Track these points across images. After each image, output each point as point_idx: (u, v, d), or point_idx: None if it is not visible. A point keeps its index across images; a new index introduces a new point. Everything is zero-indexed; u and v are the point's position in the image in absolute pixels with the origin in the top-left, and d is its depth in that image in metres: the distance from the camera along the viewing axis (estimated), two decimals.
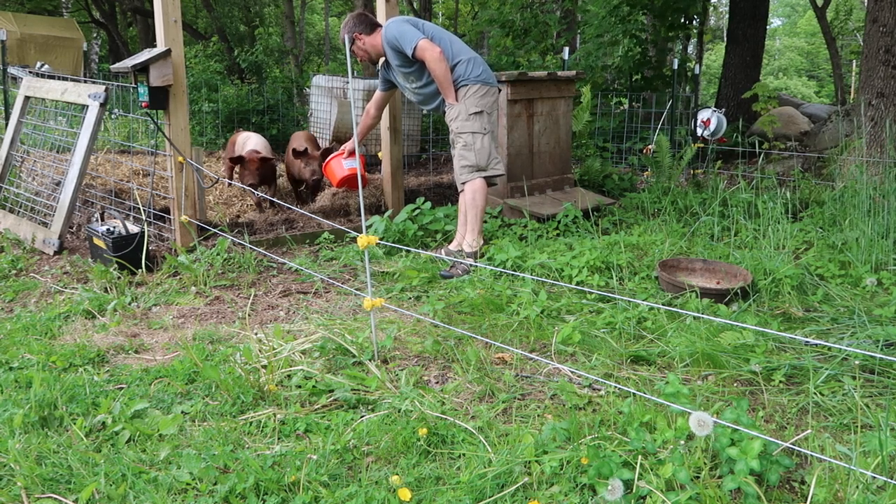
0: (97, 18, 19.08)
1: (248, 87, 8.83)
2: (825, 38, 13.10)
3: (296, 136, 5.54)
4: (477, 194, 3.85)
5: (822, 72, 33.70)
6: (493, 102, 3.95)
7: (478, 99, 3.86)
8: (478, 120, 3.85)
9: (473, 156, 3.86)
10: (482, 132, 3.85)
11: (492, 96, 3.93)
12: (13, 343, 2.81)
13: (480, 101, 3.87)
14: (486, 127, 3.87)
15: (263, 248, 4.10)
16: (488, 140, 3.87)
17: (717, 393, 2.32)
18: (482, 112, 3.86)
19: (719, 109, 7.69)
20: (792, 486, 1.83)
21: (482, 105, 3.87)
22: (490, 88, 3.91)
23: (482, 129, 3.86)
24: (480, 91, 3.87)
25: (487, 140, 3.86)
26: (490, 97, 3.92)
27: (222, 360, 2.58)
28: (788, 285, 3.24)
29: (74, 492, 1.80)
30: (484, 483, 1.79)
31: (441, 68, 3.78)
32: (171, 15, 3.81)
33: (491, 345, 2.72)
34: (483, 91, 3.88)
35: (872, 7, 5.59)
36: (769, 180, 5.56)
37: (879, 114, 5.34)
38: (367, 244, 2.49)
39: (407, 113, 6.93)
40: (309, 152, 4.96)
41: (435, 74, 3.81)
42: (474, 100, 3.86)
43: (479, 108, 3.85)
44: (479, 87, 3.86)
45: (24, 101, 4.80)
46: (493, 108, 3.95)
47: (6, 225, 4.54)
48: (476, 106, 3.85)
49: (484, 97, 3.88)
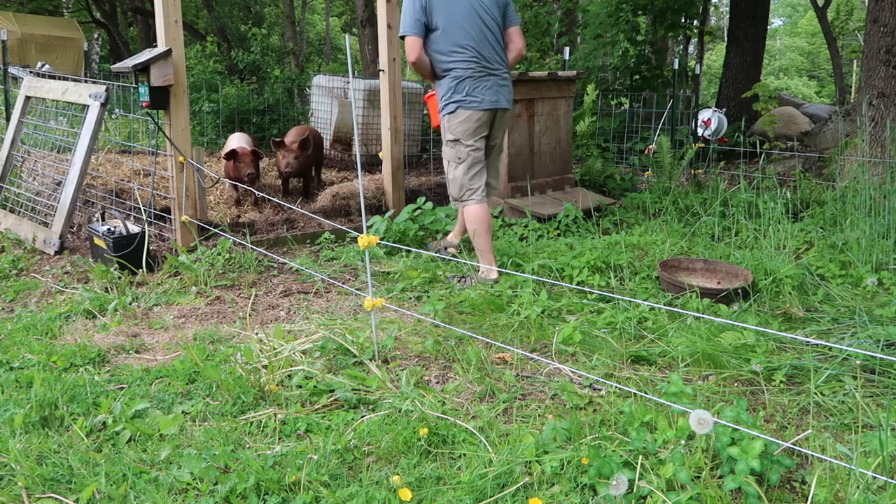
0: (98, 18, 19.08)
1: (249, 88, 8.83)
2: (826, 38, 13.09)
3: (292, 131, 5.71)
4: (469, 220, 3.58)
5: (823, 72, 33.69)
6: (477, 128, 3.50)
7: (455, 125, 3.50)
8: (452, 148, 3.54)
9: (448, 184, 3.65)
10: (456, 161, 3.54)
11: (474, 121, 3.48)
12: (14, 343, 2.81)
13: (458, 127, 3.50)
14: (461, 156, 3.52)
15: (264, 248, 4.10)
16: (461, 170, 3.53)
17: (718, 393, 2.32)
18: (458, 140, 3.51)
19: (720, 109, 7.70)
20: (793, 486, 1.83)
21: (458, 133, 3.50)
22: (471, 114, 3.47)
23: (455, 159, 3.54)
24: (459, 117, 3.49)
25: (461, 170, 3.53)
26: (471, 123, 3.48)
27: (223, 360, 2.58)
28: (789, 285, 3.24)
29: (75, 492, 1.80)
30: (485, 483, 1.79)
31: (422, 74, 3.55)
32: (171, 15, 3.81)
33: (492, 345, 2.72)
34: (462, 117, 3.48)
35: (873, 7, 5.58)
36: (770, 180, 5.55)
37: (880, 114, 5.34)
38: (367, 244, 2.49)
39: (407, 113, 6.92)
40: (286, 145, 5.12)
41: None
42: (451, 125, 3.52)
43: (454, 135, 3.52)
44: (458, 113, 3.48)
45: (25, 100, 4.80)
46: (476, 133, 3.51)
47: (7, 225, 4.54)
48: (451, 133, 3.53)
49: (462, 123, 3.48)
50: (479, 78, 3.47)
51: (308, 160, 5.31)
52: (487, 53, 3.50)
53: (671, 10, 9.27)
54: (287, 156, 5.06)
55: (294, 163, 5.07)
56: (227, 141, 5.58)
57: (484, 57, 3.48)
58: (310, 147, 5.23)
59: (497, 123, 3.63)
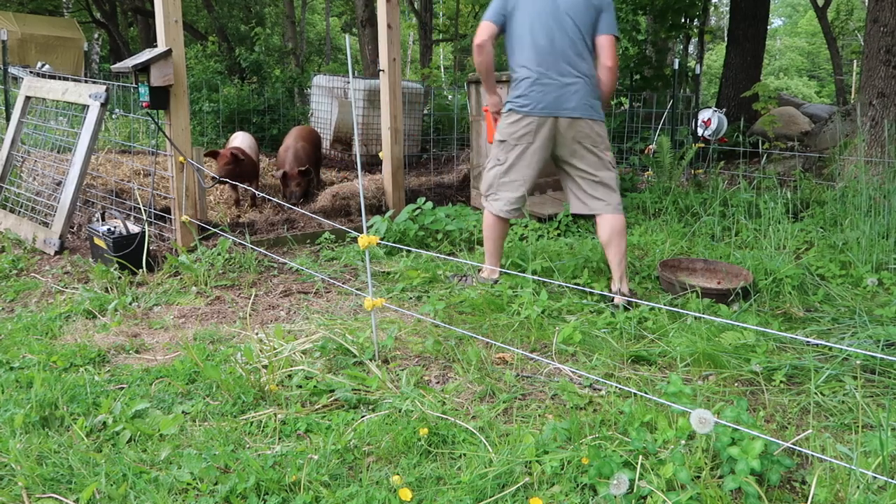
0: (98, 18, 19.09)
1: (249, 87, 8.84)
2: (826, 39, 13.10)
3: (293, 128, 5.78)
4: (485, 223, 3.46)
5: (823, 72, 33.71)
6: (527, 134, 3.23)
7: (505, 126, 3.30)
8: (496, 147, 3.36)
9: (482, 180, 3.48)
10: (494, 161, 3.36)
11: (524, 127, 3.22)
12: (14, 343, 2.81)
13: (507, 129, 3.29)
14: (501, 158, 3.32)
15: (264, 248, 4.10)
16: (495, 173, 3.34)
17: (718, 393, 2.32)
18: (505, 142, 3.30)
19: (720, 109, 7.69)
20: (793, 486, 1.83)
21: (506, 134, 3.29)
22: (522, 118, 3.22)
23: (495, 158, 3.35)
24: (510, 118, 3.28)
25: (494, 172, 3.35)
26: (520, 127, 3.23)
27: (223, 360, 2.58)
28: (789, 285, 3.24)
29: (75, 492, 1.80)
30: (485, 483, 1.79)
31: (481, 64, 3.28)
32: (171, 15, 3.81)
33: (492, 345, 2.72)
34: (512, 119, 3.26)
35: (873, 7, 5.58)
36: (770, 180, 5.56)
37: (880, 114, 5.34)
38: (367, 244, 2.49)
39: (407, 113, 6.92)
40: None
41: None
42: (502, 125, 3.33)
43: (501, 136, 3.32)
44: (510, 114, 3.28)
45: (25, 101, 4.80)
46: (525, 140, 3.24)
47: (7, 225, 4.54)
48: (500, 133, 3.34)
49: (512, 125, 3.26)
50: (536, 81, 3.20)
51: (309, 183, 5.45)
52: (558, 58, 3.19)
53: (671, 10, 9.27)
54: (290, 183, 5.25)
55: (297, 190, 5.27)
56: (229, 141, 5.60)
57: (552, 61, 3.18)
58: (310, 173, 5.40)
59: (562, 139, 3.23)
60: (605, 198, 3.26)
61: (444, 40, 25.03)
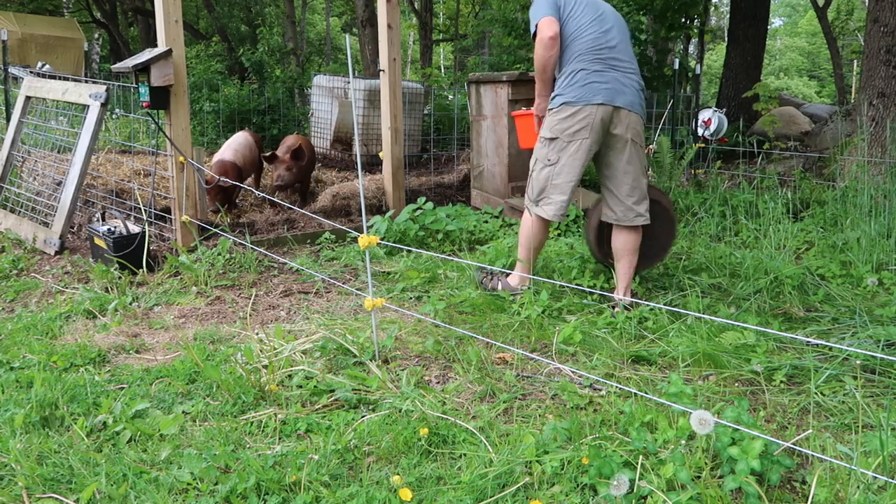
0: (98, 18, 19.08)
1: (250, 87, 8.84)
2: (826, 38, 13.10)
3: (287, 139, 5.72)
4: (524, 226, 3.26)
5: (823, 72, 33.71)
6: (583, 129, 3.05)
7: (557, 122, 3.10)
8: (545, 147, 3.15)
9: (529, 184, 3.25)
10: (544, 162, 3.14)
11: (580, 121, 3.04)
12: (14, 343, 2.82)
13: (559, 125, 3.09)
14: (552, 157, 3.11)
15: (264, 248, 4.10)
16: (546, 174, 3.13)
17: (718, 393, 2.32)
18: (556, 139, 3.10)
19: (720, 109, 7.70)
20: (793, 486, 1.83)
21: (558, 131, 3.09)
22: (579, 111, 3.04)
23: (545, 159, 3.14)
24: (563, 112, 3.07)
25: (546, 174, 3.13)
26: (576, 122, 3.05)
27: (223, 360, 2.58)
28: (789, 285, 3.24)
29: (75, 492, 1.80)
30: (485, 483, 1.79)
31: (538, 58, 3.08)
32: (172, 15, 3.81)
33: (492, 345, 2.72)
34: (567, 113, 3.06)
35: (873, 7, 5.58)
36: (770, 180, 5.56)
37: (880, 114, 5.34)
38: (368, 244, 2.49)
39: (408, 113, 6.93)
40: (279, 157, 5.09)
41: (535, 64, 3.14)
42: (552, 122, 3.13)
43: (552, 133, 3.12)
44: (563, 108, 3.08)
45: (26, 101, 4.80)
46: (580, 136, 3.06)
47: (7, 225, 4.54)
48: (550, 130, 3.13)
49: (565, 121, 3.07)
50: (595, 72, 3.07)
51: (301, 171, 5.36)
52: (617, 52, 3.12)
53: (672, 9, 9.26)
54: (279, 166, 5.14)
55: (285, 174, 5.15)
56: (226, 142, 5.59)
57: (611, 55, 3.10)
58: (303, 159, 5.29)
59: (615, 135, 3.10)
60: (637, 207, 3.15)
61: (444, 40, 25.05)
